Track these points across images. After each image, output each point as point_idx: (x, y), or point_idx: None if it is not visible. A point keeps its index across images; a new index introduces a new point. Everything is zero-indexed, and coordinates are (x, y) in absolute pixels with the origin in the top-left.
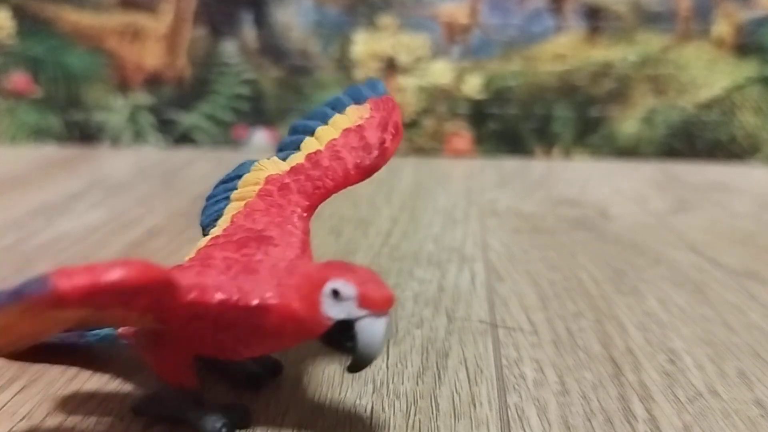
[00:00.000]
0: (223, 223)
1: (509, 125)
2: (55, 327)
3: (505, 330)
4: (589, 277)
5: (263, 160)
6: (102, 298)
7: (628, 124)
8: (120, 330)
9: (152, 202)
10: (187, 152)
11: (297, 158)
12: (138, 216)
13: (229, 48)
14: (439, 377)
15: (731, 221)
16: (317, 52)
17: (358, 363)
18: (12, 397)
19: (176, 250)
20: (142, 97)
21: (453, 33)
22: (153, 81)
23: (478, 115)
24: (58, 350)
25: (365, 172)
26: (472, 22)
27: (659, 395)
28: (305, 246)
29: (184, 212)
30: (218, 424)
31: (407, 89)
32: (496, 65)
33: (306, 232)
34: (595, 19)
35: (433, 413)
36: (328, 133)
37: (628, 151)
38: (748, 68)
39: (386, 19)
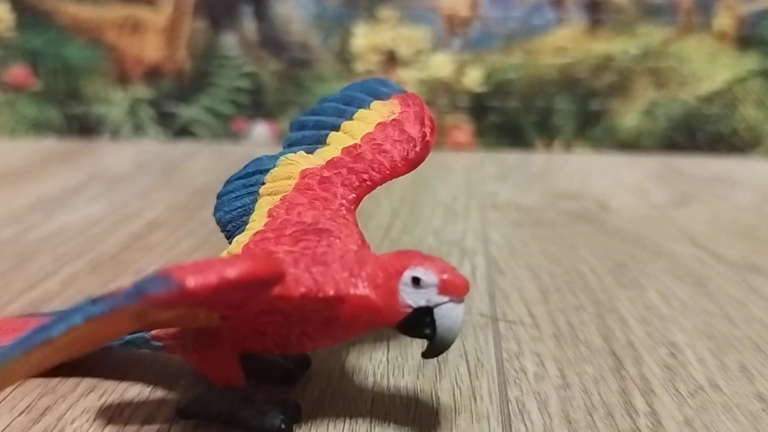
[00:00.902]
0: (258, 218)
1: (510, 118)
2: (127, 332)
3: (506, 323)
4: (590, 270)
5: (290, 154)
6: (224, 294)
7: (629, 117)
8: (154, 332)
9: (152, 195)
10: (187, 145)
11: (330, 152)
12: (138, 209)
13: (228, 41)
14: (440, 371)
15: (732, 214)
16: (317, 45)
17: (437, 348)
18: (12, 391)
19: (176, 243)
20: (142, 90)
21: (453, 25)
22: (153, 74)
23: (479, 108)
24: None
25: (412, 164)
26: (472, 15)
27: (660, 389)
28: (363, 237)
29: (184, 205)
30: (277, 421)
31: (408, 82)
32: (496, 58)
33: (357, 225)
34: (596, 12)
35: (433, 407)
36: (358, 127)
37: (629, 144)
38: (750, 61)
39: (386, 12)
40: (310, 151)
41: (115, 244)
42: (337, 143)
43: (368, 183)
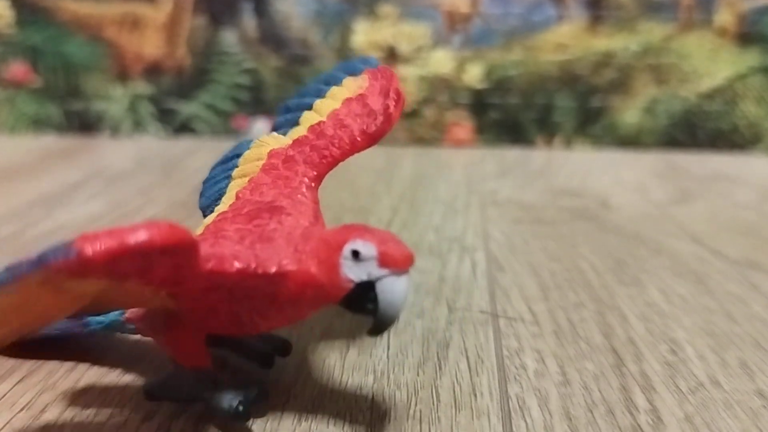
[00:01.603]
0: (227, 200)
1: (510, 115)
2: (68, 306)
3: (506, 320)
4: (591, 268)
5: (263, 136)
6: (127, 263)
7: (629, 113)
8: (127, 314)
9: (152, 192)
10: (187, 142)
11: (298, 131)
12: (138, 206)
13: (228, 37)
14: (440, 367)
15: (733, 211)
16: (317, 42)
17: (381, 324)
18: (12, 388)
19: None
20: (142, 87)
21: (454, 22)
22: (152, 70)
23: (479, 104)
24: (58, 343)
25: (371, 138)
26: (473, 11)
27: (661, 386)
28: (317, 214)
29: (184, 202)
30: (234, 402)
31: (408, 79)
32: (497, 54)
33: (316, 201)
34: (597, 9)
35: (433, 403)
36: (327, 104)
37: (630, 141)
38: (751, 58)
39: (387, 8)
40: (285, 133)
41: None
42: (306, 122)
43: (329, 159)
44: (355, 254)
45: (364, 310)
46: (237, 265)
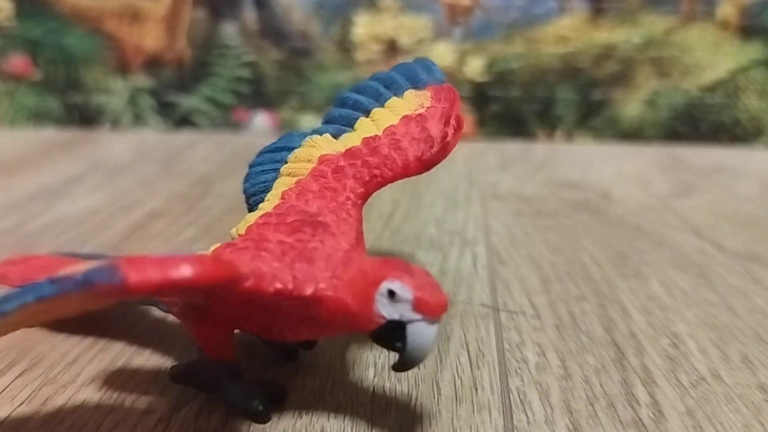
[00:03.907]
0: (272, 198)
1: (511, 108)
2: (100, 307)
3: (507, 313)
4: (592, 261)
5: (315, 136)
6: (168, 292)
7: (631, 106)
8: None
9: (152, 184)
10: (188, 135)
11: (352, 140)
12: (138, 199)
13: (229, 30)
14: (441, 361)
15: (735, 204)
16: (318, 34)
17: (405, 364)
18: (12, 381)
19: (176, 233)
20: (142, 80)
21: (455, 15)
22: (153, 63)
23: (480, 97)
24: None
25: (425, 165)
26: (474, 4)
27: (662, 379)
28: (359, 236)
29: (184, 195)
30: (255, 402)
31: None
32: (498, 47)
33: (359, 221)
34: (599, 1)
35: (434, 397)
36: (385, 116)
37: (631, 133)
38: (753, 50)
39: (387, 1)
40: (338, 133)
41: (116, 234)
42: (362, 131)
43: (378, 179)
44: (391, 294)
45: (391, 347)
46: (275, 285)
